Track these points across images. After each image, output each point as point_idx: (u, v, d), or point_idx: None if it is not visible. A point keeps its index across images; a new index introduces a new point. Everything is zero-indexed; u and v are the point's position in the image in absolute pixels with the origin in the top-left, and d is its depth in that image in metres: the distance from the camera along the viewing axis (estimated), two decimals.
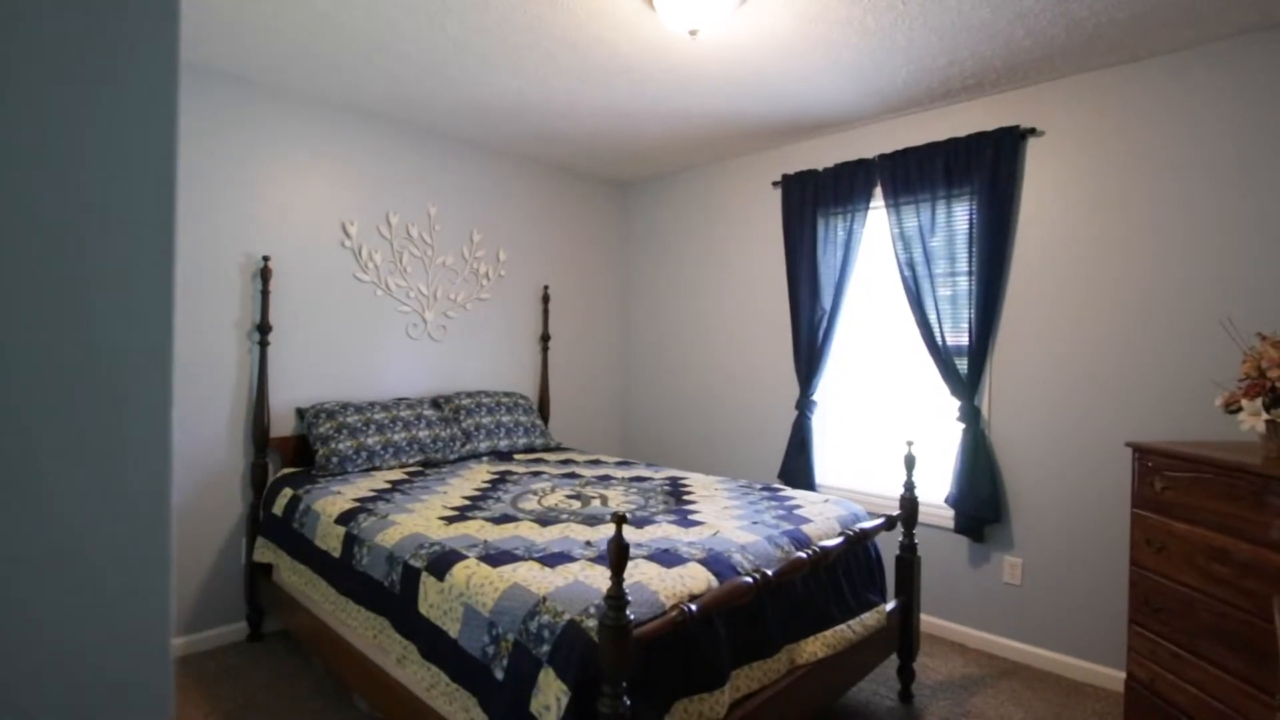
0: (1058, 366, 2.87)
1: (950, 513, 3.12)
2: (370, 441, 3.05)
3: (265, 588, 2.88)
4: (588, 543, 2.03)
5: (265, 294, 3.01)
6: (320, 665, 2.74)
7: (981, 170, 2.98)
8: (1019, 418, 2.98)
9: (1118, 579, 2.67)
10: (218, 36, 2.58)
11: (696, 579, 1.78)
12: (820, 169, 3.59)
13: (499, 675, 1.63)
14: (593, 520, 2.28)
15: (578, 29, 2.48)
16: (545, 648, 1.54)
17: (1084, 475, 2.79)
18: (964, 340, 3.07)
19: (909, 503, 2.60)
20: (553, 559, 1.88)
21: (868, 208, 3.42)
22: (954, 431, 3.12)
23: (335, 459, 2.93)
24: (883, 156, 3.31)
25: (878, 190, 3.39)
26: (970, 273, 3.04)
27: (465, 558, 1.91)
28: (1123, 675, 2.54)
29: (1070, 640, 2.82)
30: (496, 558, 1.90)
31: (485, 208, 3.90)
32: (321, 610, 2.45)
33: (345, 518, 2.40)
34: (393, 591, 2.03)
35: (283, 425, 3.14)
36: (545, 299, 4.20)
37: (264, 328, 3.00)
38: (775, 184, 3.83)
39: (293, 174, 3.14)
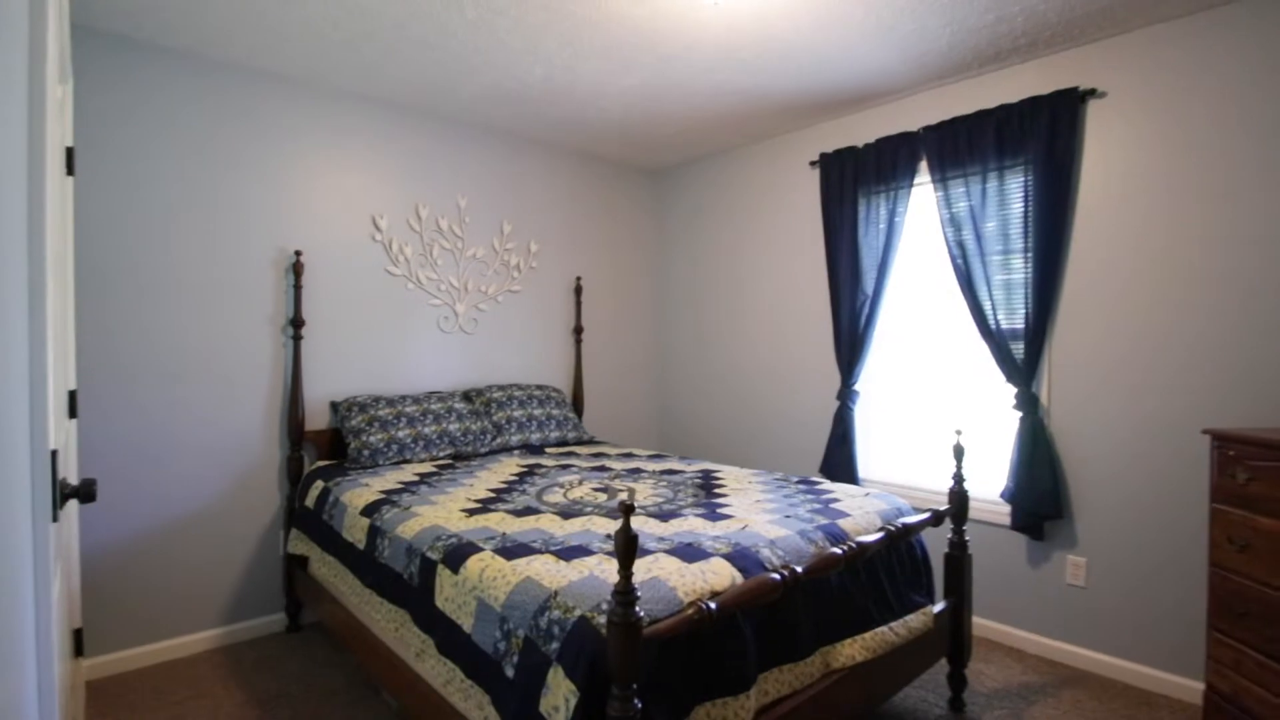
0: (1125, 348, 2.63)
1: (1006, 508, 2.91)
2: (401, 434, 3.04)
3: (301, 579, 2.90)
4: (608, 536, 1.95)
5: (298, 288, 3.03)
6: (352, 658, 2.75)
7: (1037, 138, 2.76)
8: (1082, 404, 2.75)
9: (1195, 581, 2.43)
10: (246, 33, 2.60)
11: (719, 575, 1.68)
12: (860, 145, 3.40)
13: (510, 673, 1.56)
14: (617, 513, 2.20)
15: (595, 6, 2.39)
16: (555, 645, 1.46)
17: (1156, 466, 2.55)
18: (1020, 323, 2.86)
19: (958, 496, 2.43)
20: (569, 552, 1.81)
21: (912, 185, 3.22)
22: (1009, 421, 2.91)
23: (366, 452, 2.94)
24: (927, 129, 3.11)
25: (923, 165, 3.19)
26: (1026, 249, 2.82)
27: (481, 550, 1.85)
28: (1201, 686, 2.31)
29: (1141, 647, 2.58)
30: (512, 550, 1.83)
31: (515, 198, 3.86)
32: (349, 602, 2.44)
33: (370, 510, 2.38)
34: (411, 584, 2.00)
35: (318, 419, 3.16)
36: (578, 290, 4.14)
37: (297, 322, 3.03)
38: (812, 164, 3.66)
39: (323, 169, 3.15)
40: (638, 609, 1.32)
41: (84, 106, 2.55)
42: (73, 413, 2.25)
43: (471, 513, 2.22)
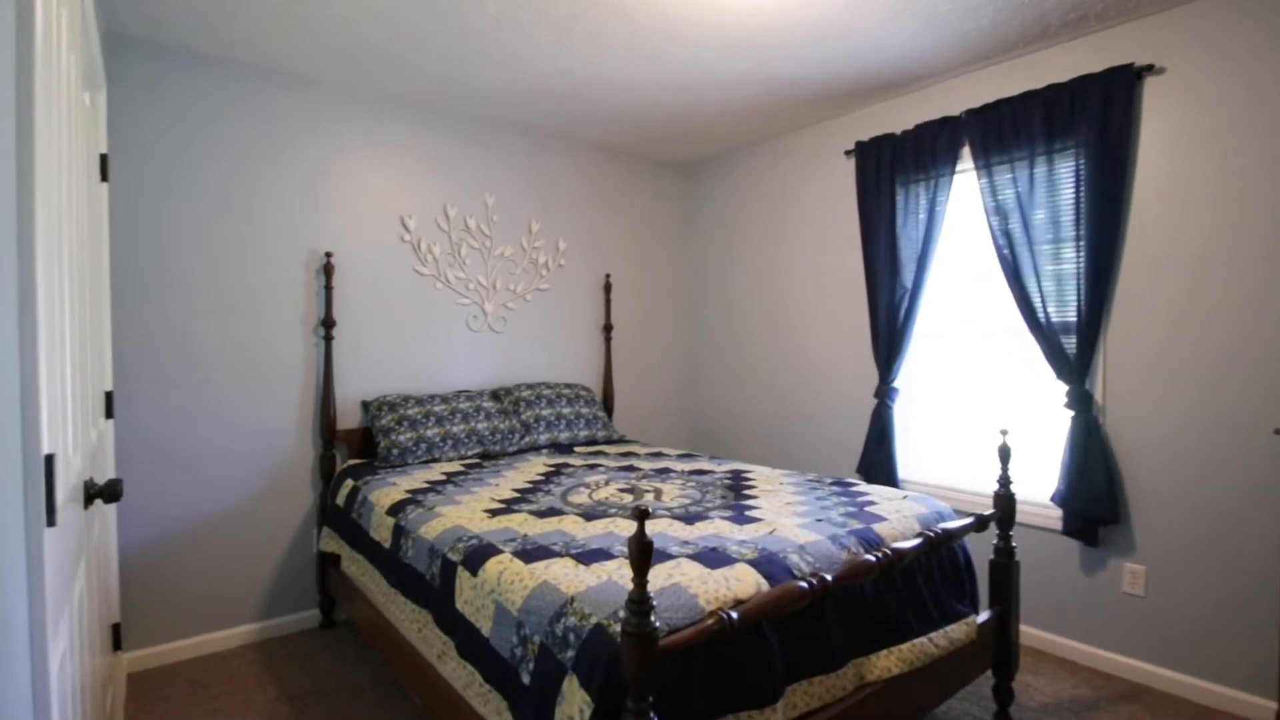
0: (1188, 342, 2.46)
1: (1058, 512, 2.76)
2: (430, 433, 3.04)
3: (333, 577, 2.93)
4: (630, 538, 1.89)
5: (329, 290, 3.06)
6: (381, 656, 2.76)
7: (1089, 120, 2.59)
8: (1140, 402, 2.58)
9: (1266, 591, 2.25)
10: (272, 36, 2.63)
11: (744, 582, 1.60)
12: (898, 132, 3.27)
13: (526, 679, 1.52)
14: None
15: None
16: (570, 653, 1.42)
17: (1222, 469, 2.37)
18: (1071, 316, 2.69)
19: (1004, 500, 2.29)
20: (590, 556, 1.76)
21: (954, 172, 3.07)
22: (1061, 420, 2.75)
23: (396, 451, 2.95)
24: (970, 112, 2.96)
25: (965, 151, 3.04)
26: (1078, 238, 2.66)
27: (500, 552, 1.82)
28: (1273, 705, 2.13)
29: (1205, 661, 2.41)
30: (531, 553, 1.79)
31: (543, 196, 3.84)
32: (377, 601, 2.44)
33: (395, 509, 2.38)
34: (433, 585, 1.98)
35: (350, 418, 3.19)
36: (607, 288, 4.09)
37: (328, 322, 3.06)
38: (848, 153, 3.53)
39: (351, 170, 3.18)
40: (654, 619, 1.26)
41: (118, 114, 2.61)
42: (109, 413, 2.30)
43: (494, 513, 2.20)
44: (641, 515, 1.24)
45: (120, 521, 2.61)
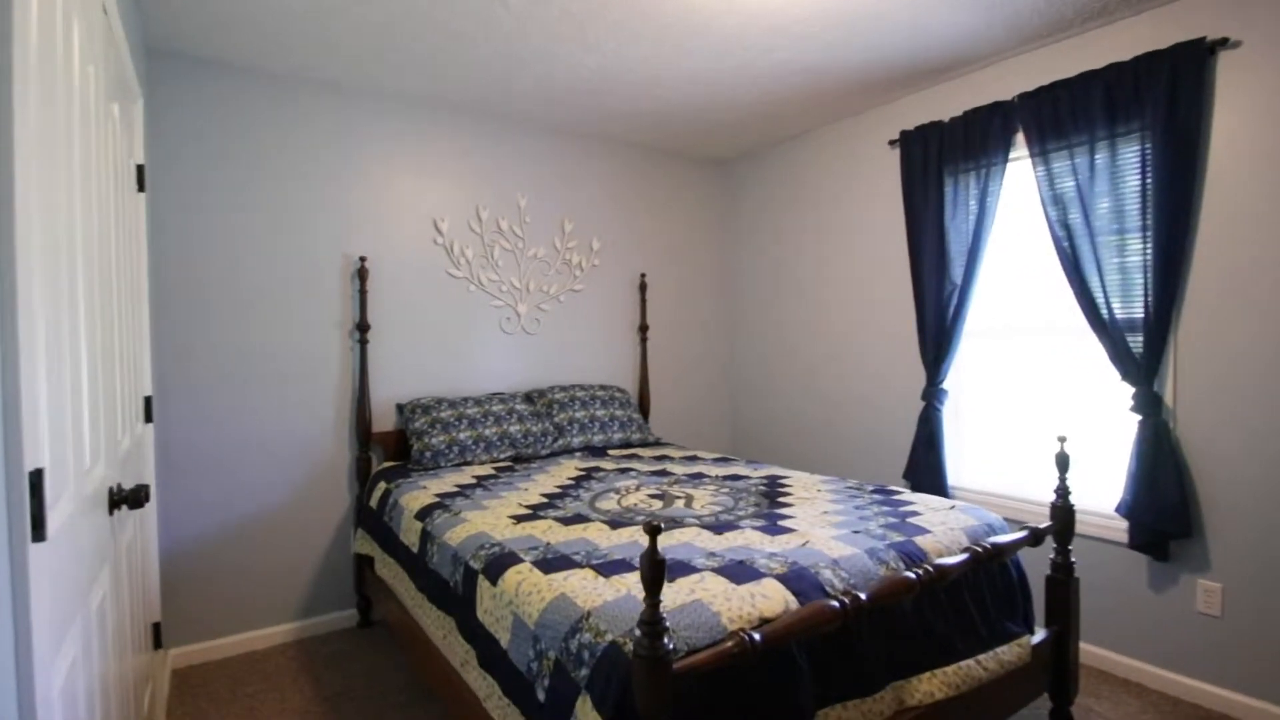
0: (1271, 340, 2.23)
1: (1123, 524, 2.56)
2: (462, 436, 3.04)
3: (370, 578, 2.96)
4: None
5: (363, 293, 3.09)
6: (412, 659, 2.76)
7: (1155, 100, 2.39)
8: (1215, 406, 2.36)
9: None
10: (300, 43, 2.65)
11: (771, 599, 1.51)
12: (945, 119, 3.10)
13: (541, 696, 1.46)
14: (671, 523, 2.07)
15: None
16: (585, 671, 1.36)
17: None
18: (1138, 312, 2.49)
19: (1062, 512, 2.13)
20: (611, 567, 1.69)
21: (1006, 160, 2.89)
22: (1127, 424, 2.55)
23: (429, 453, 2.95)
24: (1023, 96, 2.78)
25: (1018, 138, 2.86)
26: (1144, 228, 2.46)
27: (521, 561, 1.77)
28: None
29: None
30: (552, 563, 1.74)
31: (575, 196, 3.79)
32: (407, 604, 2.44)
33: (423, 513, 2.37)
34: (457, 592, 1.95)
35: (385, 420, 3.22)
36: (642, 288, 4.02)
37: (363, 326, 3.08)
38: (892, 143, 3.37)
39: (384, 174, 3.20)
40: (668, 640, 1.19)
41: (156, 124, 2.68)
42: (148, 417, 2.36)
43: (520, 519, 2.16)
44: (653, 531, 1.17)
45: (162, 522, 2.68)
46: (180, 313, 2.74)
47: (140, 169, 2.27)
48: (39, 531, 0.87)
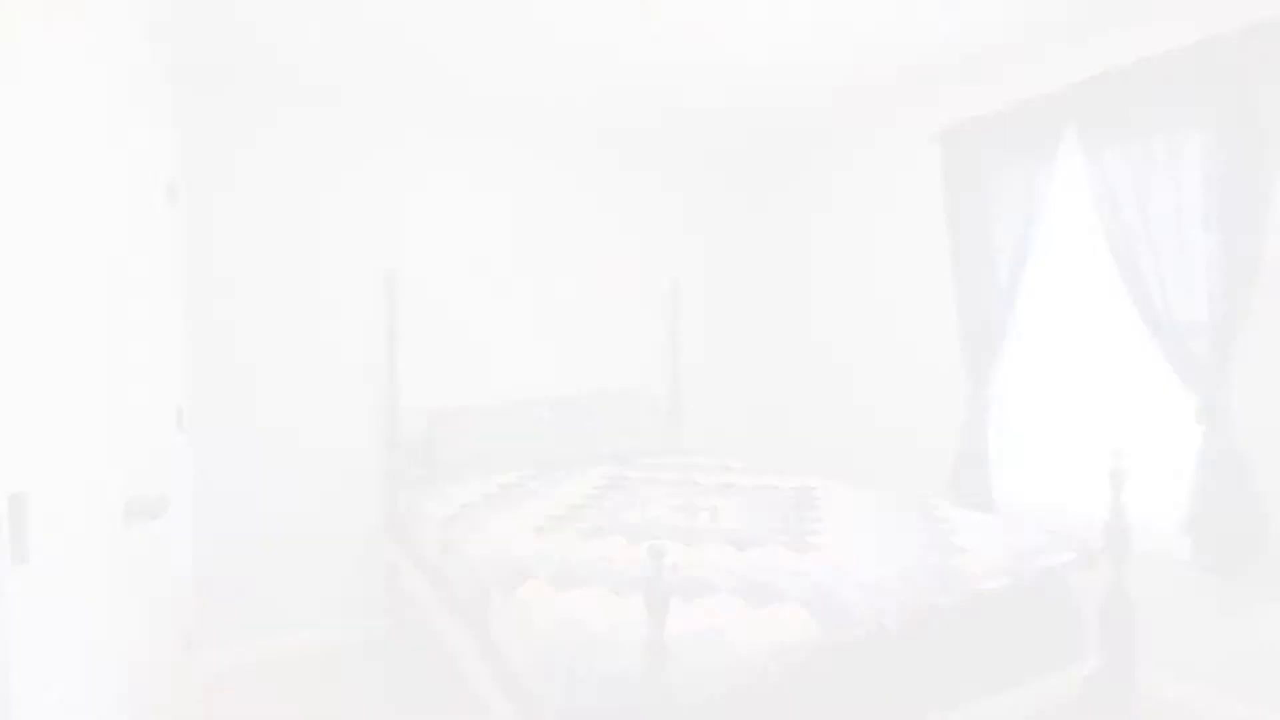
0: None
1: (1187, 542, 2.37)
2: (488, 445, 3.02)
3: (400, 585, 2.97)
4: (674, 565, 1.75)
5: (395, 303, 3.11)
6: (435, 670, 2.76)
7: (1221, 89, 2.21)
8: None
9: None
10: (341, 62, 2.67)
11: (790, 624, 1.43)
12: (989, 114, 2.94)
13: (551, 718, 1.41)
14: (691, 537, 2.00)
15: None
16: (591, 697, 1.30)
17: None
18: (1202, 315, 2.31)
19: (1117, 533, 1.98)
20: (628, 585, 1.63)
21: (1055, 155, 2.72)
22: (1189, 434, 2.36)
23: (455, 461, 2.95)
24: (1073, 86, 2.61)
25: (1069, 132, 2.69)
26: (1209, 226, 2.27)
27: (534, 578, 1.73)
28: None
29: None
30: (566, 579, 1.69)
31: (604, 201, 3.75)
32: (428, 613, 2.43)
33: (445, 523, 2.35)
34: (472, 606, 1.92)
35: (415, 429, 3.23)
36: (675, 293, 3.95)
37: (394, 335, 3.11)
38: (933, 139, 3.23)
39: (417, 186, 3.22)
40: (674, 673, 1.12)
41: (193, 140, 2.75)
42: (181, 426, 2.41)
43: (540, 530, 2.12)
44: (657, 555, 1.11)
45: (198, 527, 2.74)
46: (216, 323, 2.80)
47: (173, 183, 2.32)
48: (22, 552, 0.86)
